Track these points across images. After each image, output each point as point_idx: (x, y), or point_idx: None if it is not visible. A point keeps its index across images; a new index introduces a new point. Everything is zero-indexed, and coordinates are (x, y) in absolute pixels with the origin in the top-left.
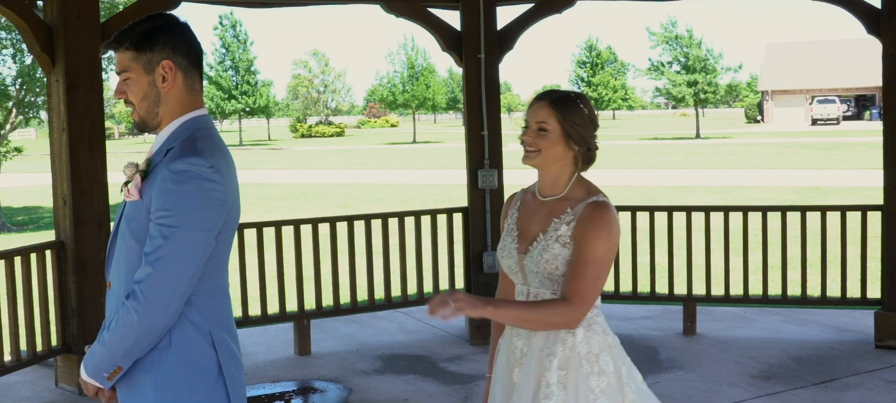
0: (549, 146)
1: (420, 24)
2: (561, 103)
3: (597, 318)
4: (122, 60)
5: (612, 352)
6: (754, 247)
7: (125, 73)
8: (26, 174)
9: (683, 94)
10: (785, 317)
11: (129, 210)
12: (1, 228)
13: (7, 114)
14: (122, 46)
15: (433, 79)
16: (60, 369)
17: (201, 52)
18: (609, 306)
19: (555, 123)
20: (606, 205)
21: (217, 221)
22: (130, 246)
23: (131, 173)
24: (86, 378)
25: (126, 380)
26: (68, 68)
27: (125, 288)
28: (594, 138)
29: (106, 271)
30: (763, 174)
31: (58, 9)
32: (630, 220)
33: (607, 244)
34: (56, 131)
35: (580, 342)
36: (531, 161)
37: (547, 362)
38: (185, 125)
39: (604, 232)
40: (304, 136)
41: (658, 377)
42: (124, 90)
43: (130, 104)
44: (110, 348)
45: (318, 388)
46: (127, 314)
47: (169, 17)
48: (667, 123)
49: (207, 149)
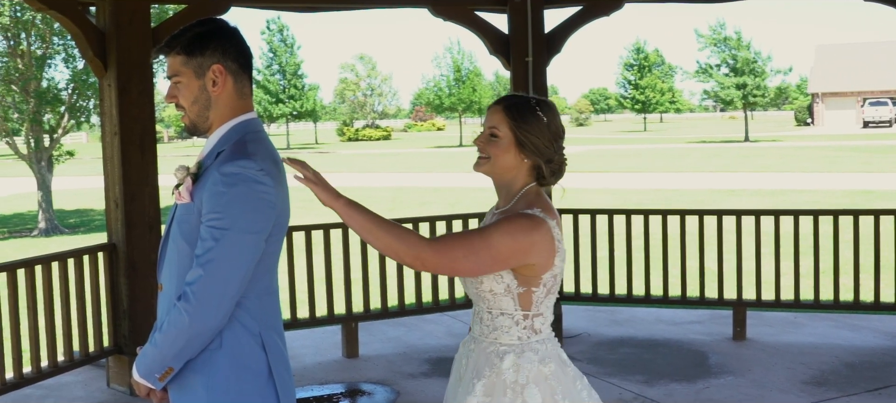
0: (499, 154)
1: (468, 28)
2: (515, 109)
3: (535, 344)
4: (174, 65)
5: (546, 384)
6: (805, 252)
7: (176, 77)
8: (78, 177)
9: (732, 97)
10: (837, 323)
11: (180, 212)
12: (53, 230)
13: (59, 118)
14: (173, 51)
15: (479, 82)
16: (112, 369)
17: (251, 56)
18: (657, 310)
19: (506, 130)
20: (529, 216)
21: (267, 224)
22: (182, 249)
23: (182, 176)
24: (138, 379)
25: (177, 381)
26: (120, 73)
27: (176, 290)
28: (555, 150)
29: (158, 273)
30: (814, 178)
31: (110, 14)
32: (679, 224)
33: (508, 238)
34: (108, 135)
35: (507, 368)
36: (480, 168)
37: (473, 384)
38: (234, 129)
39: (512, 227)
40: (350, 140)
41: (707, 382)
42: (175, 94)
43: (181, 108)
44: (162, 349)
45: (365, 391)
46: (178, 315)
47: (219, 22)
48: (715, 126)
49: (257, 152)
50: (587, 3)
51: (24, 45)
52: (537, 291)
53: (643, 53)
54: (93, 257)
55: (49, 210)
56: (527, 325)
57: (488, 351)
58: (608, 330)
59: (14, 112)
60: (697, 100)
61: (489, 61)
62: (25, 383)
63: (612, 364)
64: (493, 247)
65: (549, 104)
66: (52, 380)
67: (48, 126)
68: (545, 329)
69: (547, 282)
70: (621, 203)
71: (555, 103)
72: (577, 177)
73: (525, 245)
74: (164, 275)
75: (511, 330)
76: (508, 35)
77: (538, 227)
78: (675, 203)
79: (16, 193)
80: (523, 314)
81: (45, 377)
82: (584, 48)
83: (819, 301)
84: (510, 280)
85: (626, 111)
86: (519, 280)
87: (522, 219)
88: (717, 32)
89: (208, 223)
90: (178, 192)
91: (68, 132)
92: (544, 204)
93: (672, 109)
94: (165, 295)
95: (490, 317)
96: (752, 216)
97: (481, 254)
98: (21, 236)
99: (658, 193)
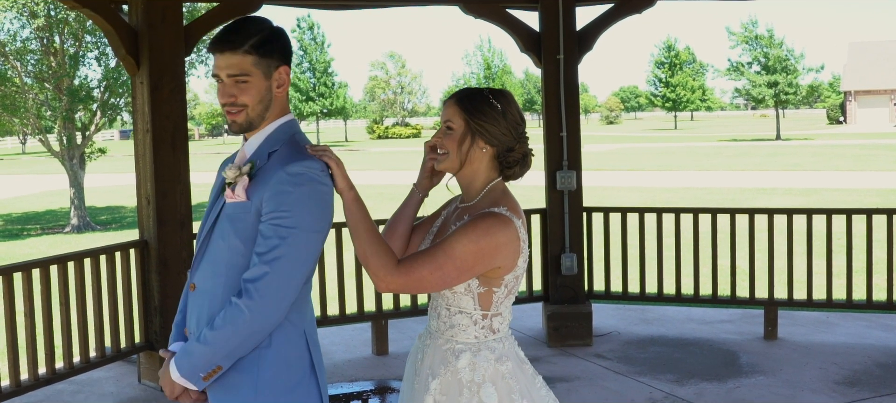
0: (454, 146)
1: (499, 26)
2: (467, 99)
3: (491, 343)
4: (242, 63)
5: (503, 383)
6: (838, 251)
7: (244, 76)
8: (109, 174)
9: (763, 95)
10: (870, 323)
11: (232, 211)
12: (85, 227)
13: (92, 115)
14: (242, 49)
15: (509, 80)
16: (143, 365)
17: None
18: (688, 309)
19: (459, 121)
20: (494, 215)
21: (328, 223)
22: (234, 247)
23: (235, 175)
24: (178, 379)
25: (220, 381)
26: (152, 71)
27: (224, 288)
28: (514, 138)
29: (191, 273)
30: (846, 176)
31: (143, 13)
32: (710, 223)
33: (472, 246)
34: (140, 132)
35: (463, 367)
36: (440, 165)
37: (429, 382)
38: (281, 128)
39: (475, 233)
40: (380, 138)
41: (738, 382)
42: (234, 93)
43: (240, 106)
44: (213, 346)
45: (395, 388)
46: (237, 312)
47: (276, 25)
48: (746, 124)
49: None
50: (618, 0)
51: (58, 43)
52: (498, 291)
53: (674, 51)
54: (124, 253)
55: (81, 207)
56: (485, 325)
57: (444, 349)
58: (638, 328)
59: (47, 110)
60: (729, 99)
61: (520, 59)
62: (58, 378)
63: (642, 363)
64: (457, 259)
65: (505, 93)
66: (83, 376)
67: (80, 123)
68: (503, 328)
69: (508, 283)
70: (652, 201)
71: (511, 92)
72: (608, 174)
73: (489, 249)
74: (201, 274)
75: (468, 329)
76: (539, 32)
77: (504, 227)
78: (707, 201)
79: (48, 190)
80: (482, 314)
81: (77, 372)
82: (615, 46)
83: (851, 300)
84: (471, 279)
85: (656, 109)
86: (480, 279)
87: (485, 220)
88: (748, 30)
89: (273, 221)
90: (232, 191)
91: (100, 129)
92: (510, 203)
93: (703, 107)
94: (202, 294)
95: (448, 314)
96: (784, 214)
97: (446, 268)
98: (54, 233)
99: (689, 192)
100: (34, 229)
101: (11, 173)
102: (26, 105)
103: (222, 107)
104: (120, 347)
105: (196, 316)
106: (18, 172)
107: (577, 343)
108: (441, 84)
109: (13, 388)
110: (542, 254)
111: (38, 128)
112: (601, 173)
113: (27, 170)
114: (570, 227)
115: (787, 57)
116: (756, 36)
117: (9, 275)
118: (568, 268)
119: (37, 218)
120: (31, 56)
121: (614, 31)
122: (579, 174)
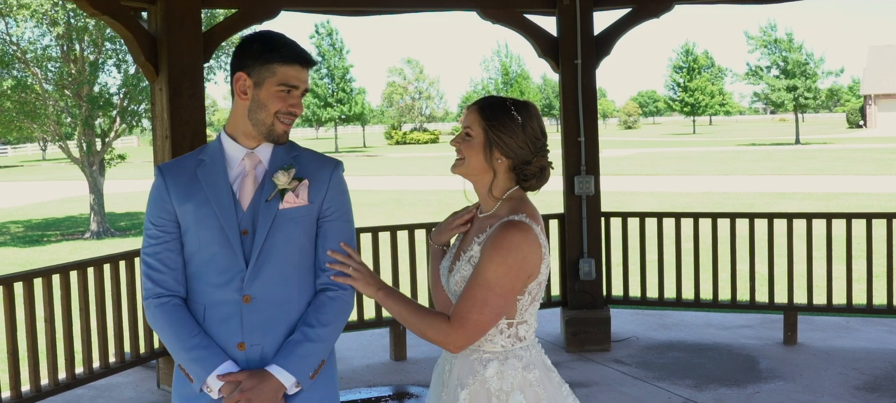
0: (472, 153)
1: (516, 31)
2: (489, 109)
3: (519, 352)
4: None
5: (531, 391)
6: (858, 255)
7: (304, 91)
8: (129, 181)
9: (783, 99)
10: (890, 328)
11: (295, 214)
12: (105, 233)
13: (111, 122)
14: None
15: (527, 85)
16: (162, 370)
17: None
18: (707, 314)
19: (478, 129)
20: (515, 225)
21: None
22: (304, 248)
23: (288, 180)
24: (289, 384)
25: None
26: (171, 77)
27: (298, 291)
28: (533, 151)
29: (246, 286)
30: (866, 181)
31: (161, 19)
32: (729, 228)
33: (503, 268)
34: (159, 138)
35: (491, 377)
36: (455, 169)
37: (458, 392)
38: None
39: (500, 254)
40: (398, 143)
41: (758, 387)
42: (299, 106)
43: (294, 117)
44: (327, 342)
45: (413, 394)
46: (343, 304)
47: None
48: (765, 129)
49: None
50: (636, 4)
51: (78, 50)
52: (522, 299)
53: (692, 55)
54: None
55: (101, 213)
56: (511, 333)
57: (472, 359)
58: (657, 333)
59: (67, 116)
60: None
61: (537, 64)
62: (77, 383)
63: (661, 368)
64: (494, 287)
65: (528, 106)
66: (103, 381)
67: (100, 130)
68: (529, 336)
69: (532, 290)
70: (670, 206)
71: (535, 105)
72: (626, 180)
73: (517, 263)
74: (262, 285)
75: (495, 339)
76: (557, 37)
77: (524, 236)
78: (725, 206)
79: (68, 196)
80: (507, 322)
81: (97, 377)
82: (633, 50)
83: (872, 305)
84: (519, 297)
85: (674, 114)
86: None
87: (505, 236)
88: (767, 34)
89: (339, 218)
90: (294, 196)
91: (120, 136)
92: (529, 210)
93: (721, 112)
94: (269, 304)
95: None
96: (804, 219)
97: (491, 301)
98: (73, 239)
99: (707, 196)
100: (54, 235)
101: (32, 179)
102: (46, 112)
103: (282, 113)
104: (139, 352)
105: (262, 328)
106: (39, 178)
107: (596, 349)
108: (459, 89)
109: (33, 393)
110: (560, 259)
111: (58, 134)
112: (619, 178)
113: (47, 177)
114: (589, 232)
115: (806, 61)
116: (775, 40)
117: (29, 281)
118: (586, 273)
119: (57, 224)
120: (51, 63)
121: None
122: (597, 179)
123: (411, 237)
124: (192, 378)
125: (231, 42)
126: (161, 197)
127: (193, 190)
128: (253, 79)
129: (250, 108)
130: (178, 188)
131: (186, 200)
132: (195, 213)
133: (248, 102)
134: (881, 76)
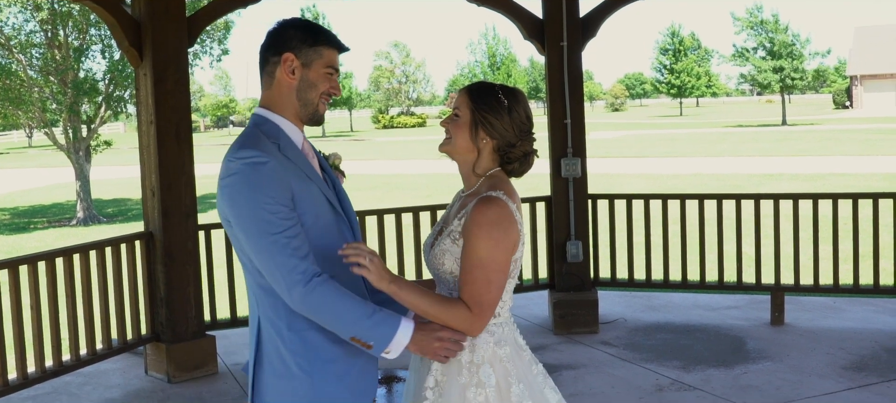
0: (459, 133)
1: (502, 13)
2: (477, 92)
3: (492, 327)
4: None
5: (501, 366)
6: (844, 236)
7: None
8: (115, 167)
9: (769, 81)
10: (877, 307)
11: (344, 193)
12: (91, 220)
13: (97, 108)
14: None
15: (514, 68)
16: (149, 357)
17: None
18: (695, 295)
19: (466, 110)
20: (492, 200)
21: None
22: (354, 221)
23: (339, 160)
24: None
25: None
26: (156, 63)
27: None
28: (517, 135)
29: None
30: (852, 161)
31: (145, 4)
32: (716, 209)
33: (490, 243)
34: (144, 124)
35: (463, 349)
36: (443, 147)
37: (430, 363)
38: None
39: (484, 230)
40: (385, 127)
41: (745, 367)
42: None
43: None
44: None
45: (401, 378)
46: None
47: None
48: (752, 110)
49: None
50: None
51: (62, 36)
52: None
53: (679, 37)
54: (130, 246)
55: (87, 199)
56: None
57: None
58: (645, 315)
59: (52, 103)
60: (734, 85)
61: (524, 47)
62: (65, 370)
63: (648, 350)
64: (490, 262)
65: (516, 92)
66: (90, 368)
67: (86, 116)
68: (503, 312)
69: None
70: (657, 188)
71: (523, 93)
72: (614, 162)
73: (502, 236)
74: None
75: None
76: (543, 20)
77: (501, 210)
78: (712, 187)
79: (55, 183)
80: None
81: (84, 364)
82: (619, 32)
83: (858, 285)
84: (515, 270)
85: (661, 96)
86: None
87: (484, 213)
88: (753, 15)
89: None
90: (343, 174)
91: (105, 122)
92: (508, 189)
93: (708, 93)
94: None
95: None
96: (790, 200)
97: (492, 277)
98: (60, 225)
99: (695, 178)
100: (40, 222)
101: (18, 166)
102: (31, 98)
103: (326, 93)
104: (126, 339)
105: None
106: (25, 165)
107: (584, 331)
108: (446, 73)
109: (21, 381)
110: (547, 242)
111: (43, 121)
112: (607, 160)
113: (33, 164)
114: (576, 215)
115: (792, 42)
116: (761, 21)
117: (15, 268)
118: (574, 256)
119: (43, 211)
120: (35, 49)
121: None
122: (584, 161)
123: (398, 221)
124: (372, 344)
125: (216, 26)
126: (281, 178)
127: (294, 169)
128: (300, 60)
129: (299, 88)
130: (287, 167)
131: (296, 179)
132: (307, 191)
133: (296, 82)
134: (867, 57)
